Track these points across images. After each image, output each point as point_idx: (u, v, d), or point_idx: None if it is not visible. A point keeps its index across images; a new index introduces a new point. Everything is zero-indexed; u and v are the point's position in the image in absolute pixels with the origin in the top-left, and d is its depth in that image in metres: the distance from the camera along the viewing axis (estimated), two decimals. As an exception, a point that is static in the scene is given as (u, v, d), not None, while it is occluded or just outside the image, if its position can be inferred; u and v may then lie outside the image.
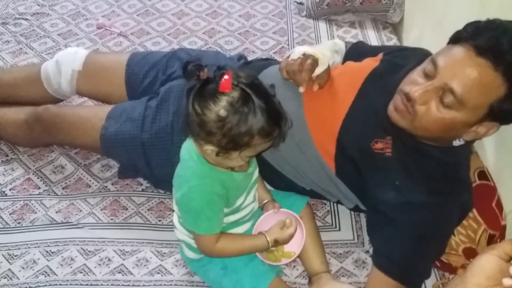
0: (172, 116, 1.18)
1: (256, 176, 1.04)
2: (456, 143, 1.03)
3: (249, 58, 1.46)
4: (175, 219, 1.06)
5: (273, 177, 1.16)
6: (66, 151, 1.38)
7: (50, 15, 1.88)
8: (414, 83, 0.95)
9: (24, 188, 1.29)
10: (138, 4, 1.94)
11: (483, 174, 1.08)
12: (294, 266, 1.12)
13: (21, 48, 1.73)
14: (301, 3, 1.89)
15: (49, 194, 1.28)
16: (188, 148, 0.95)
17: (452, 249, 1.04)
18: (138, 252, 1.15)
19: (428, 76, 0.94)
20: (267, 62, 1.31)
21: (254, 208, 1.08)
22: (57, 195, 1.28)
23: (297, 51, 1.13)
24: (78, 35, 1.80)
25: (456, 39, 0.94)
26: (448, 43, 0.97)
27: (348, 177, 1.09)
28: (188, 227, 0.98)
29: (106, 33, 1.81)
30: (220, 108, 0.82)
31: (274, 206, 1.06)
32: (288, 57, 1.14)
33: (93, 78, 1.35)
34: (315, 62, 1.08)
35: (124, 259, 1.13)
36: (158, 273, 1.10)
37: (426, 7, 1.59)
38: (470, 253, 1.02)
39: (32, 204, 1.25)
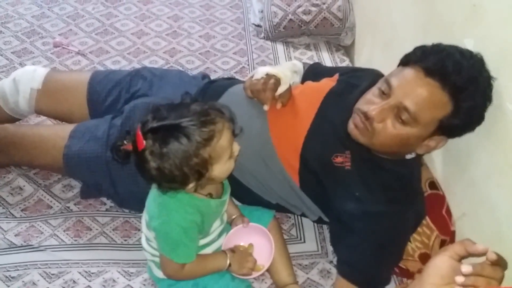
0: (138, 135, 1.19)
1: (226, 205, 1.07)
2: (408, 156, 1.12)
3: (211, 78, 1.49)
4: (143, 240, 1.06)
5: (241, 192, 1.18)
6: (24, 172, 1.34)
7: (3, 33, 1.83)
8: (371, 103, 1.03)
9: (-21, 212, 1.23)
10: (96, 23, 1.93)
11: (433, 184, 1.18)
12: (262, 280, 1.15)
13: (-28, 67, 1.67)
14: (259, 26, 1.97)
15: (6, 217, 1.23)
16: None
17: (409, 255, 1.11)
18: (104, 273, 1.13)
19: (383, 96, 1.02)
20: (231, 81, 1.35)
21: (223, 229, 1.10)
22: (15, 217, 1.23)
23: (260, 71, 1.18)
24: (33, 53, 1.76)
25: (406, 61, 1.03)
26: (399, 65, 1.06)
27: (311, 190, 1.14)
28: (165, 254, 0.97)
29: (64, 51, 1.78)
30: (150, 163, 0.86)
31: (243, 220, 1.09)
32: (252, 76, 1.18)
33: (53, 97, 1.33)
34: (277, 82, 1.14)
35: (90, 281, 1.11)
36: (126, 293, 1.09)
37: (375, 31, 1.71)
38: (425, 258, 1.10)
39: (-12, 228, 1.20)
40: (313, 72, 1.36)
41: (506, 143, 0.96)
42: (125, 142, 0.89)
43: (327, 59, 1.86)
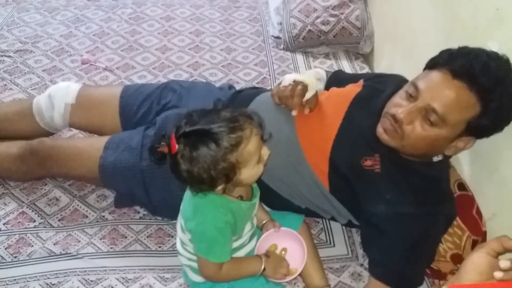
0: (170, 144, 1.23)
1: (256, 208, 1.10)
2: (436, 159, 1.13)
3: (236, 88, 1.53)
4: (179, 245, 1.09)
5: (270, 198, 1.21)
6: (59, 184, 1.38)
7: (34, 52, 1.91)
8: (399, 106, 1.05)
9: (19, 222, 1.28)
10: (121, 40, 2.00)
11: (462, 186, 1.19)
12: (295, 283, 1.16)
13: (6, 85, 1.74)
14: (278, 37, 2.01)
15: (45, 227, 1.27)
16: None
17: (440, 256, 1.12)
18: (141, 279, 1.16)
19: (410, 99, 1.04)
20: (258, 90, 1.39)
21: (253, 232, 1.12)
22: (53, 227, 1.27)
23: (288, 78, 1.21)
24: (63, 70, 1.83)
25: (432, 64, 1.05)
26: (425, 68, 1.08)
27: (341, 194, 1.16)
28: (202, 255, 1.00)
29: (91, 68, 1.85)
30: (181, 166, 0.91)
31: (274, 225, 1.12)
32: (279, 84, 1.22)
33: (86, 111, 1.39)
34: (305, 88, 1.17)
35: (127, 287, 1.14)
36: (163, 297, 1.12)
37: (394, 39, 1.74)
38: (457, 259, 1.11)
39: (28, 237, 1.24)
40: (336, 79, 1.39)
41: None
42: (162, 144, 0.93)
43: (346, 68, 1.89)
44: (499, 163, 1.09)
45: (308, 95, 1.17)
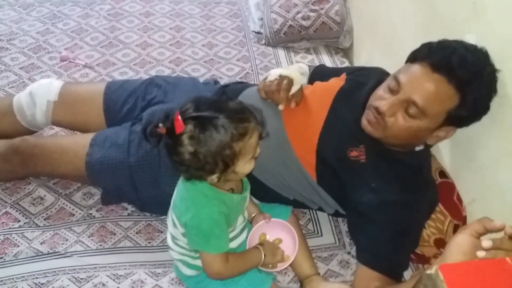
0: (158, 139, 1.23)
1: (247, 202, 1.11)
2: (418, 148, 1.18)
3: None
4: (170, 240, 1.09)
5: (259, 190, 1.23)
6: (43, 182, 1.36)
7: (9, 49, 1.86)
8: (382, 99, 1.09)
9: (3, 222, 1.25)
10: (100, 36, 1.97)
11: (443, 173, 1.23)
12: (285, 273, 1.19)
13: (-19, 83, 1.69)
14: (259, 33, 2.03)
15: (30, 226, 1.25)
16: None
17: (424, 241, 1.16)
18: (132, 275, 1.16)
19: (392, 91, 1.08)
20: (244, 84, 1.40)
21: (244, 225, 1.14)
22: (39, 226, 1.26)
23: (273, 73, 1.23)
24: (41, 68, 1.79)
25: (413, 58, 1.09)
26: (406, 62, 1.12)
27: (328, 185, 1.19)
28: (198, 248, 1.00)
29: (71, 65, 1.82)
30: (186, 147, 0.90)
31: (265, 216, 1.13)
32: (265, 79, 1.24)
33: (70, 108, 1.37)
34: (290, 82, 1.19)
35: (119, 283, 1.14)
36: (156, 292, 1.12)
37: (374, 33, 1.78)
38: (440, 243, 1.15)
39: (13, 237, 1.22)
40: (319, 73, 1.42)
41: (513, 128, 1.02)
42: (160, 125, 0.92)
43: (327, 62, 1.92)
44: (478, 150, 1.13)
45: (294, 89, 1.19)
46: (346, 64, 1.92)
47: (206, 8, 2.21)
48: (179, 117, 0.90)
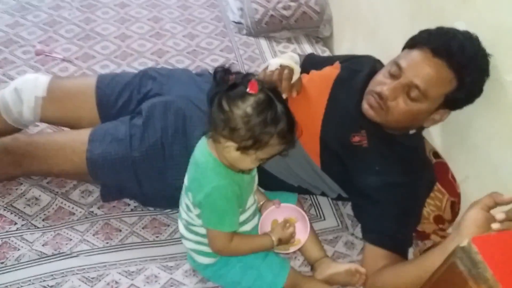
0: (161, 132, 1.21)
1: (256, 181, 1.13)
2: (411, 132, 1.24)
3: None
4: (183, 229, 1.09)
5: (264, 179, 1.23)
6: (36, 182, 1.30)
7: (-23, 44, 1.75)
8: (383, 84, 1.14)
9: (-2, 226, 1.20)
10: (75, 28, 1.89)
11: (437, 154, 1.31)
12: (295, 257, 1.22)
13: (-50, 81, 1.58)
14: (239, 23, 2.02)
15: (28, 228, 1.20)
16: (203, 152, 1.00)
17: (424, 219, 1.23)
18: (144, 270, 1.14)
19: (393, 76, 1.13)
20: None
21: (255, 208, 1.15)
22: (38, 227, 1.21)
23: (274, 63, 1.24)
24: (15, 63, 1.69)
25: (412, 44, 1.14)
26: (404, 48, 1.17)
27: (332, 170, 1.23)
28: (212, 226, 1.01)
29: (48, 59, 1.73)
30: (247, 106, 0.91)
31: (274, 202, 1.15)
32: (266, 68, 1.25)
33: (60, 104, 1.31)
34: (291, 72, 1.21)
35: (132, 279, 1.12)
36: (172, 286, 1.12)
37: (355, 22, 1.83)
38: (439, 220, 1.23)
39: (12, 241, 1.17)
40: (311, 62, 1.45)
41: (505, 108, 1.10)
42: (231, 77, 0.93)
43: (308, 51, 1.94)
44: (471, 130, 1.21)
45: (294, 78, 1.22)
46: (327, 53, 1.96)
47: (182, -2, 2.17)
48: (255, 81, 0.91)
